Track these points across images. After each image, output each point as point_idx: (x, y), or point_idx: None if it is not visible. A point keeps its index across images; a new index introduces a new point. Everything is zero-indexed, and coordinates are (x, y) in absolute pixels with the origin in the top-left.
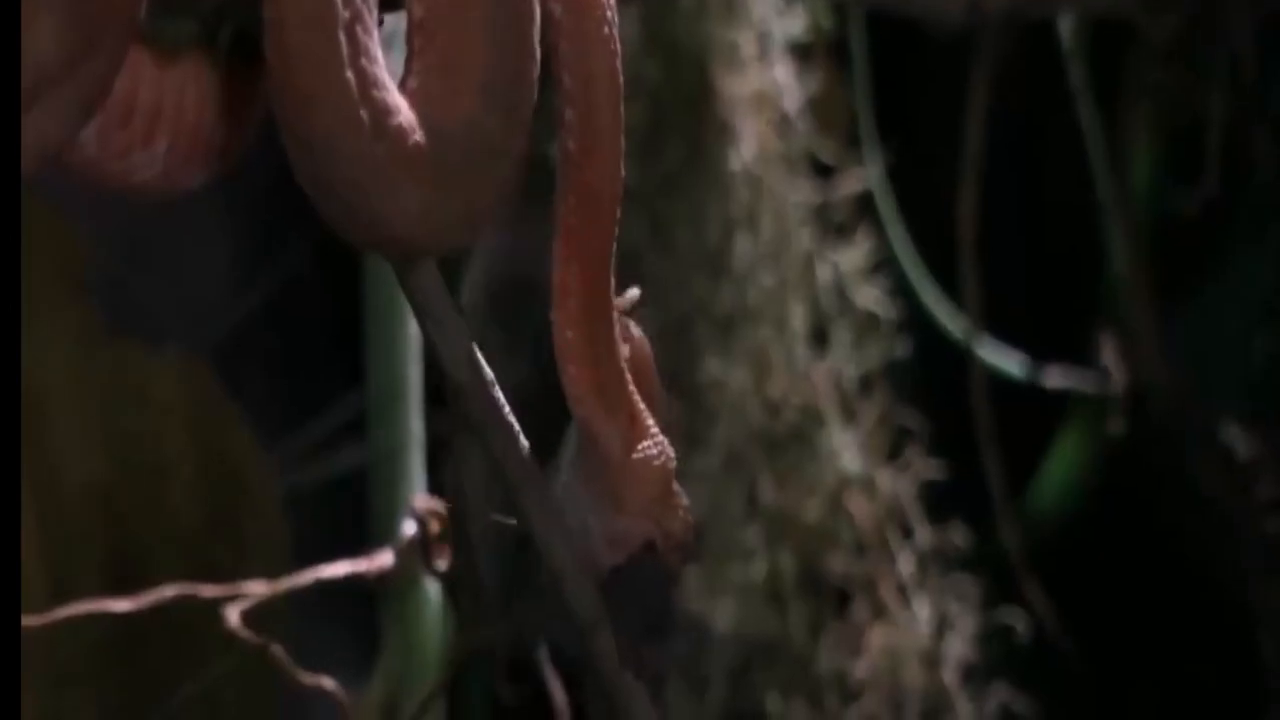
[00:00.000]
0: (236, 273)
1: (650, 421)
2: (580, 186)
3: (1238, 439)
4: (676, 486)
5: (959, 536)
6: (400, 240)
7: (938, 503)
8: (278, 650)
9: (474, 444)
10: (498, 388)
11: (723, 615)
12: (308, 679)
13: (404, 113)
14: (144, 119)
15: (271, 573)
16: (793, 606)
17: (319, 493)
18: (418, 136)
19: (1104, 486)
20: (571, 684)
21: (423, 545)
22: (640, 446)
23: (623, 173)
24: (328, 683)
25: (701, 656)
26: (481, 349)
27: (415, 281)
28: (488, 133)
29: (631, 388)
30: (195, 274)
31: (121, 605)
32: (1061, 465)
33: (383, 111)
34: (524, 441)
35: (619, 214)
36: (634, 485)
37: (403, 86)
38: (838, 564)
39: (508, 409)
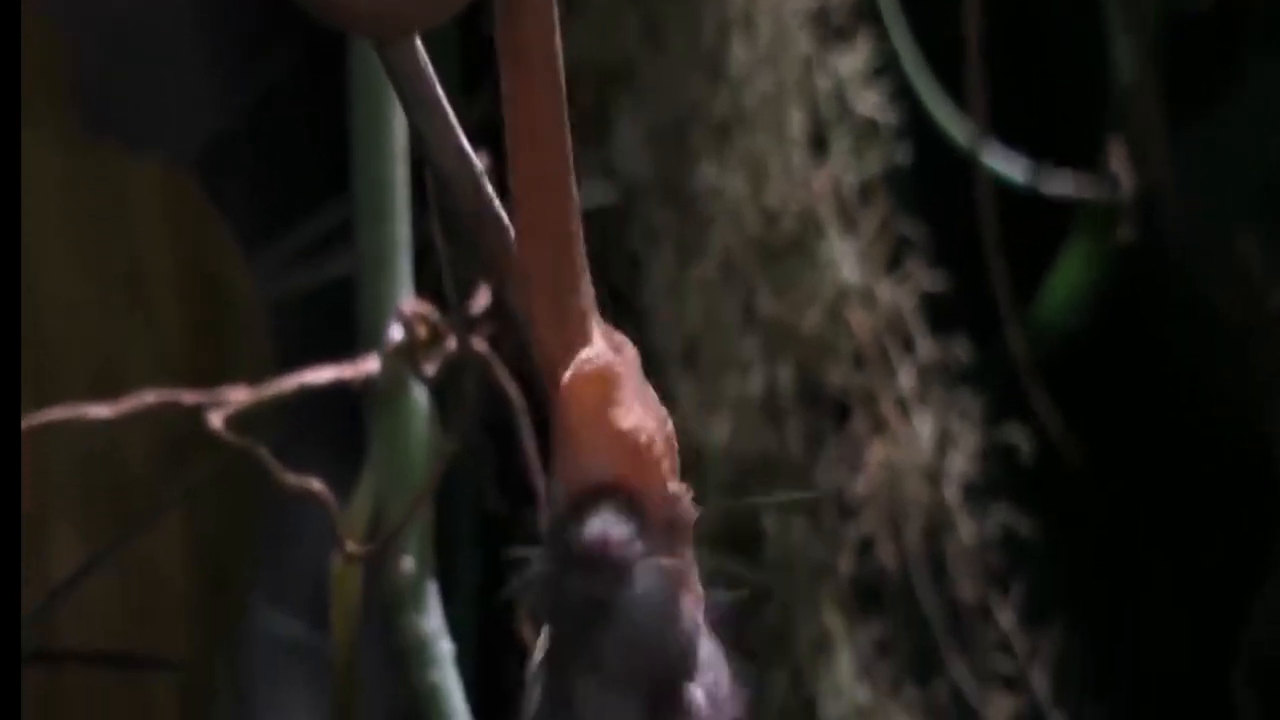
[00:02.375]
0: (220, 77)
1: (596, 333)
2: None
3: (1251, 250)
4: (625, 391)
5: (962, 349)
6: (357, 8)
7: (940, 314)
8: (263, 452)
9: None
10: (487, 180)
11: (717, 430)
12: (294, 481)
13: None
14: None
15: (255, 382)
16: (790, 420)
17: (305, 301)
18: None
19: (1113, 297)
20: None
21: (410, 350)
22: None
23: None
24: (315, 485)
25: (695, 473)
26: None
27: (400, 66)
28: None
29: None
30: (177, 78)
31: (101, 412)
32: (1068, 275)
33: None
34: (514, 235)
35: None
36: (569, 409)
37: None
38: (836, 377)
39: (497, 201)
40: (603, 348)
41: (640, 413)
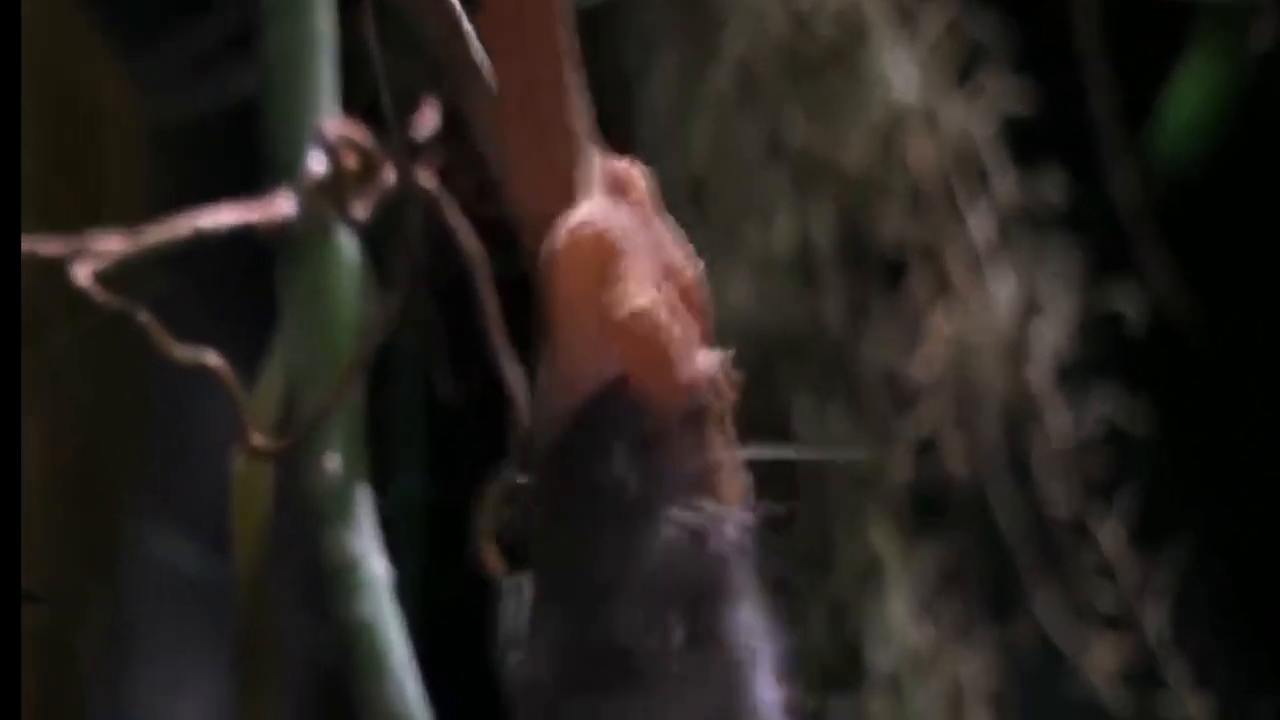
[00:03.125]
0: None
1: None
2: None
3: None
4: (629, 261)
5: (1054, 188)
6: None
7: (1025, 143)
8: (144, 316)
9: None
10: None
11: (736, 293)
12: (183, 353)
13: None
14: None
15: (134, 227)
16: (828, 282)
17: (198, 124)
18: None
19: (1246, 118)
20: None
21: (335, 186)
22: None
23: None
24: (211, 358)
25: None
26: None
27: None
28: None
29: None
30: None
31: None
32: (1189, 92)
33: None
34: (471, 29)
35: None
36: (559, 287)
37: None
38: (888, 226)
39: None
40: (600, 205)
41: (649, 290)
